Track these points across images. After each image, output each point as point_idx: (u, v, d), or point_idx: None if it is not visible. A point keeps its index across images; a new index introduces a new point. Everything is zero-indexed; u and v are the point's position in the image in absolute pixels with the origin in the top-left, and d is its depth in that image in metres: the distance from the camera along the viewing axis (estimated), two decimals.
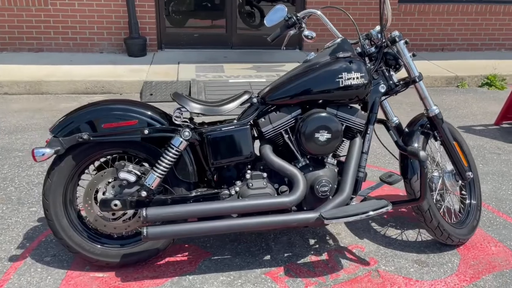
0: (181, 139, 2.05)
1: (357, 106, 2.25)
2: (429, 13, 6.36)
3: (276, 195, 2.15)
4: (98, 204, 2.10)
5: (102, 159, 2.18)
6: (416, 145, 2.28)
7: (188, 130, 2.06)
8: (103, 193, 2.11)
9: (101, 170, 2.17)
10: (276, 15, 2.34)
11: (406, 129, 2.42)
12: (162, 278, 2.15)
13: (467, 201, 2.52)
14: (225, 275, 2.18)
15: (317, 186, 2.12)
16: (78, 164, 2.09)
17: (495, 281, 2.16)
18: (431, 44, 6.54)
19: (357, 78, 2.13)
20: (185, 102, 2.11)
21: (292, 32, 2.39)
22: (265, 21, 2.40)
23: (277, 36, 2.39)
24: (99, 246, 2.16)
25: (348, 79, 2.11)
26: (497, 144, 3.83)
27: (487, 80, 5.40)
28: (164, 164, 2.05)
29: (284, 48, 2.53)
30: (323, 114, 2.11)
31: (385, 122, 2.40)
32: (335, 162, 2.25)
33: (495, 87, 5.35)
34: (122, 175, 2.06)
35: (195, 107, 2.11)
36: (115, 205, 2.08)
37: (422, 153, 2.09)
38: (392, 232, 2.53)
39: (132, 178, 2.06)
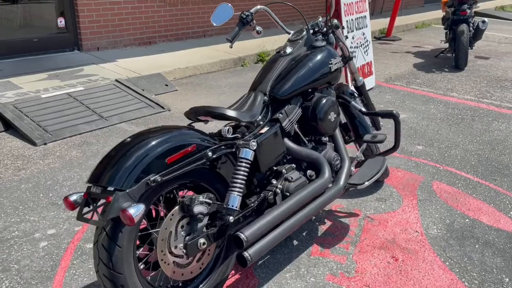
0: (250, 151, 1.95)
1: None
2: (189, 3, 6.87)
3: (308, 181, 2.33)
4: (175, 252, 1.79)
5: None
6: (363, 109, 2.83)
7: (254, 140, 1.98)
8: (175, 238, 1.80)
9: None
10: (224, 14, 2.43)
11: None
12: None
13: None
14: (285, 271, 2.25)
15: (332, 162, 2.42)
16: (143, 214, 1.69)
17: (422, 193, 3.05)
18: (196, 32, 7.12)
19: (338, 62, 2.49)
20: (232, 113, 2.00)
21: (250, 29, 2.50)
22: (212, 21, 2.44)
23: (236, 34, 2.47)
24: None
25: (335, 63, 2.46)
26: None
27: (259, 57, 6.44)
28: (240, 181, 1.92)
29: (232, 47, 2.60)
30: (329, 97, 2.39)
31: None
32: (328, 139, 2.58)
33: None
34: (197, 209, 1.82)
35: (245, 116, 2.03)
36: (203, 243, 1.83)
37: (395, 112, 2.66)
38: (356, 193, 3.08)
39: (206, 209, 1.85)
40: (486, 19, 6.72)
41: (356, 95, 2.92)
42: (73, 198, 1.70)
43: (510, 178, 3.29)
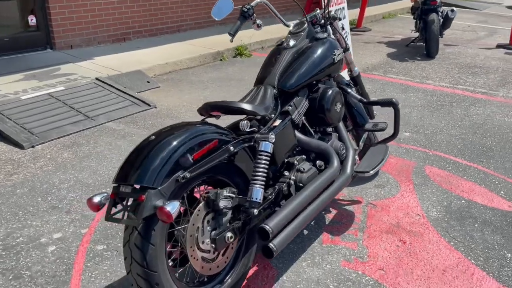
0: (270, 144, 1.97)
1: None
2: None
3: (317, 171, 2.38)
4: (203, 247, 1.80)
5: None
6: (362, 99, 2.90)
7: (272, 133, 2.00)
8: (202, 234, 1.80)
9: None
10: (224, 8, 2.43)
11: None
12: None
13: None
14: (301, 260, 2.30)
15: (339, 151, 2.48)
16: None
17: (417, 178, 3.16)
18: (170, 27, 7.02)
19: (340, 53, 2.54)
20: (250, 107, 2.01)
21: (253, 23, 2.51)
22: (213, 15, 2.44)
23: (238, 28, 2.47)
24: None
25: (338, 54, 2.50)
26: None
27: (237, 51, 6.43)
28: (261, 173, 1.94)
29: (232, 41, 2.60)
30: (334, 88, 2.43)
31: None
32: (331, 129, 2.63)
33: (245, 55, 6.44)
34: (222, 203, 1.83)
35: (261, 110, 2.05)
36: (230, 237, 1.84)
37: (394, 100, 2.73)
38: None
39: (230, 203, 1.86)
40: (454, 8, 6.96)
41: (352, 85, 2.98)
42: (97, 199, 1.67)
43: (495, 159, 3.46)
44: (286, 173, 2.26)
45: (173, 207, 1.53)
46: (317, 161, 2.40)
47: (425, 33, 6.67)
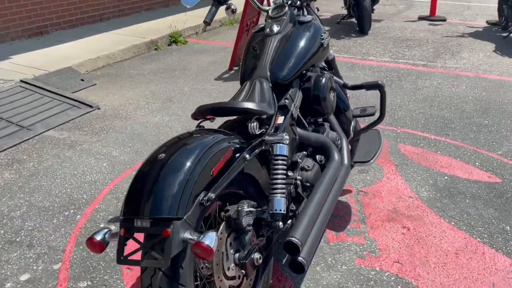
0: (285, 146, 1.74)
1: None
2: None
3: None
4: (229, 274, 1.55)
5: None
6: (347, 83, 2.75)
7: (283, 133, 1.77)
8: (226, 259, 1.55)
9: None
10: None
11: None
12: None
13: None
14: (314, 264, 2.13)
15: (336, 142, 2.32)
16: None
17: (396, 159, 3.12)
18: (92, 16, 6.38)
19: (327, 37, 2.35)
20: (258, 106, 1.76)
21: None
22: (183, 2, 2.17)
23: (213, 15, 2.22)
24: None
25: (326, 38, 2.32)
26: None
27: (172, 39, 6.01)
28: (281, 180, 1.71)
29: (205, 30, 2.31)
30: (325, 75, 2.25)
31: None
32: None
33: (180, 43, 6.04)
34: (245, 221, 1.59)
35: (267, 108, 1.80)
36: (259, 258, 1.61)
37: (380, 82, 2.61)
38: None
39: (251, 219, 1.62)
40: None
41: (327, 69, 2.83)
42: (99, 237, 1.37)
43: (459, 131, 3.53)
44: (290, 173, 2.06)
45: (212, 240, 1.27)
46: (317, 156, 2.23)
47: (357, 9, 6.71)
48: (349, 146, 2.47)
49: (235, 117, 1.97)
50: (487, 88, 4.43)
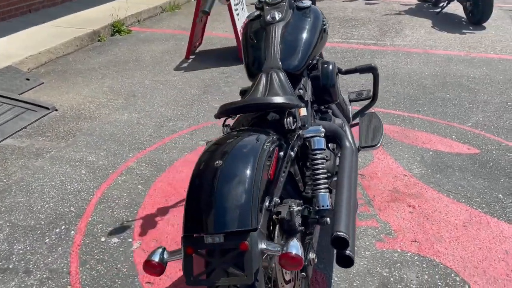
0: (322, 139, 1.68)
1: None
2: None
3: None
4: (287, 278, 1.48)
5: None
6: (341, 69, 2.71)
7: (318, 126, 1.70)
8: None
9: None
10: None
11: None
12: None
13: None
14: None
15: (342, 129, 2.30)
16: None
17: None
18: (20, 8, 5.78)
19: (328, 22, 2.30)
20: (291, 99, 1.67)
21: None
22: None
23: (212, 3, 2.09)
24: None
25: (326, 23, 2.26)
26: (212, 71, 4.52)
27: (115, 28, 5.63)
28: (323, 175, 1.66)
29: (201, 20, 2.18)
30: (331, 61, 2.20)
31: None
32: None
33: (124, 32, 5.67)
34: (297, 221, 1.52)
35: (297, 100, 1.72)
36: (315, 257, 1.54)
37: (373, 65, 2.61)
38: None
39: (300, 218, 1.56)
40: None
41: None
42: (157, 258, 1.24)
43: (428, 106, 3.68)
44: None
45: (298, 248, 1.19)
46: (329, 144, 2.20)
47: None
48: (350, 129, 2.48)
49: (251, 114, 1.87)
50: (438, 63, 4.66)
